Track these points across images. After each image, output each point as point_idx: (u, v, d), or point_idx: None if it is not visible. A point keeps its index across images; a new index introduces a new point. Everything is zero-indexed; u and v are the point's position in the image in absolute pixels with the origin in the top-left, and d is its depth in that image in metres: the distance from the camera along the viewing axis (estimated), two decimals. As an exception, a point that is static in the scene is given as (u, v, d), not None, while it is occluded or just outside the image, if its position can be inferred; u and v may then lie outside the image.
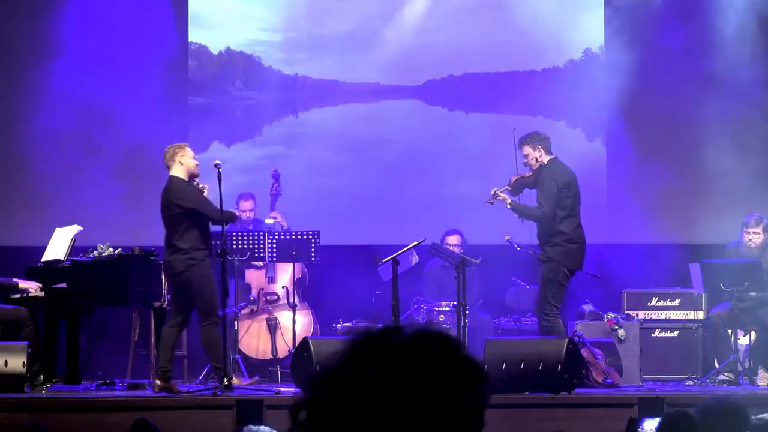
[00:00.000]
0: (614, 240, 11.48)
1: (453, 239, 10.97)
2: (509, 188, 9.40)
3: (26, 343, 9.06)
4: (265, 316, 10.90)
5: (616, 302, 10.90)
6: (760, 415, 4.81)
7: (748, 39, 11.71)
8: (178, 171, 9.12)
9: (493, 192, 9.35)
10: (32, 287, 9.45)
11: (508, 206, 9.31)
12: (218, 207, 8.95)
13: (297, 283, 10.89)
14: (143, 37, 11.80)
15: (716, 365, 9.86)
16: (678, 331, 10.81)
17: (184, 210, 9.03)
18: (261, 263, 10.85)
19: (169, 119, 11.79)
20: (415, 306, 10.98)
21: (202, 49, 12.11)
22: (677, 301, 10.92)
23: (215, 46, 12.11)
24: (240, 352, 10.45)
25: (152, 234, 11.23)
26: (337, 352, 2.06)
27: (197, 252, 8.98)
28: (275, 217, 10.74)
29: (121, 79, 11.75)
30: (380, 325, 10.94)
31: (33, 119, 11.62)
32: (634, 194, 11.66)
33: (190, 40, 12.05)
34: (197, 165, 9.21)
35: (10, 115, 11.79)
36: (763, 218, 10.12)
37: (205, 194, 9.16)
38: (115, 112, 11.73)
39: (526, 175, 9.41)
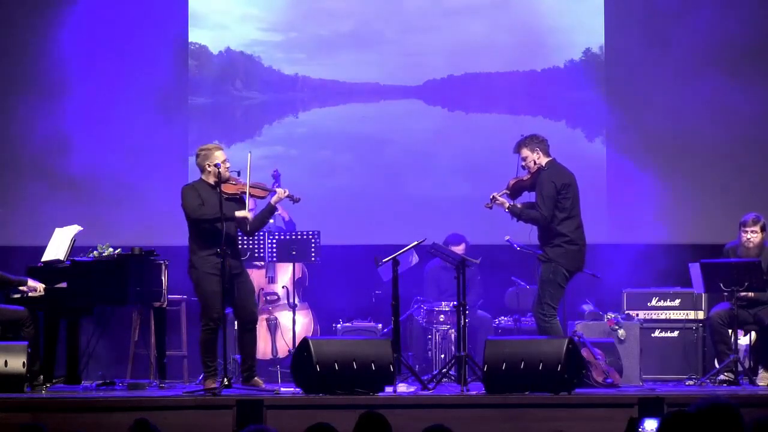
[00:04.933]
0: (614, 240, 11.48)
1: (460, 249, 10.74)
2: (507, 192, 9.37)
3: (26, 343, 9.05)
4: (265, 316, 10.90)
5: (616, 302, 10.90)
6: None
7: (747, 39, 11.72)
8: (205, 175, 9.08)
9: (491, 196, 9.33)
10: (40, 288, 9.43)
11: (507, 210, 9.29)
12: (197, 207, 8.86)
13: (297, 283, 10.89)
14: (143, 37, 11.80)
15: (716, 365, 9.86)
16: (678, 331, 10.82)
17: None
18: (261, 263, 10.85)
19: (169, 119, 11.79)
20: (415, 306, 10.97)
21: (202, 49, 12.11)
22: (677, 301, 10.93)
23: (215, 46, 12.11)
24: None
25: (152, 234, 11.24)
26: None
27: (193, 255, 8.94)
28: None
29: (121, 78, 11.76)
30: (380, 324, 10.82)
31: (33, 119, 11.62)
32: (634, 194, 11.66)
33: (190, 40, 12.05)
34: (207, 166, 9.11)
35: (11, 115, 11.78)
36: (761, 217, 10.09)
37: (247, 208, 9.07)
38: (115, 112, 11.73)
39: (524, 178, 9.38)
